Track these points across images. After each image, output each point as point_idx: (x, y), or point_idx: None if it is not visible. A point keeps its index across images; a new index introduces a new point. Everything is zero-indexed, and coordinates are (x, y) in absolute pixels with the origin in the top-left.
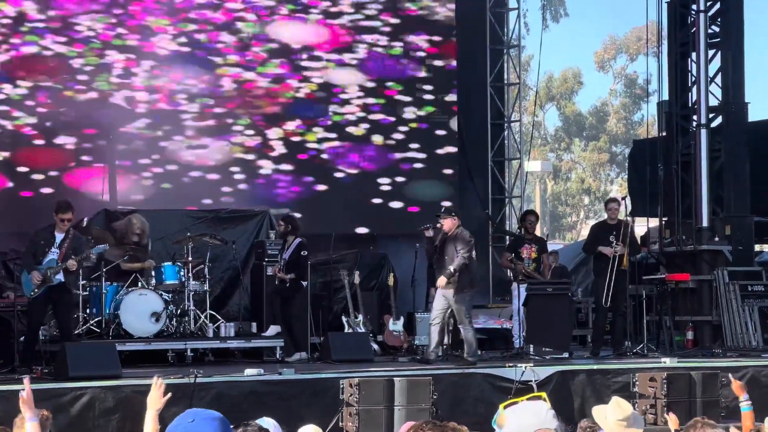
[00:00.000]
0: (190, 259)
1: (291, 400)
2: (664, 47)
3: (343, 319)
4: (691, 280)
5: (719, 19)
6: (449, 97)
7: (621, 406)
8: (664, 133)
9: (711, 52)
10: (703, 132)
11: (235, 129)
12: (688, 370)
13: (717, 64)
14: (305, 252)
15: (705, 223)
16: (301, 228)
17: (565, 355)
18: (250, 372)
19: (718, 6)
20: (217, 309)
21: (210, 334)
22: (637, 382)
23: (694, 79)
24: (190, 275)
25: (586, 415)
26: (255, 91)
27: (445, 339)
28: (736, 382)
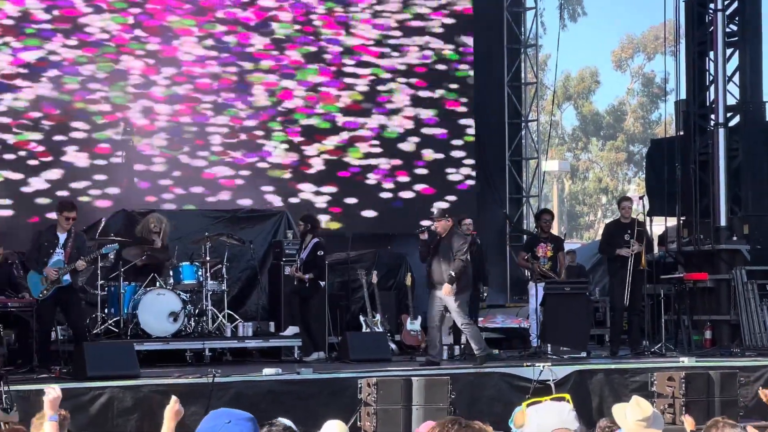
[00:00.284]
0: (208, 258)
1: (309, 399)
2: (682, 46)
3: (361, 318)
4: (709, 280)
5: (737, 18)
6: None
7: (641, 405)
8: (682, 133)
9: (729, 51)
10: (721, 131)
11: (269, 145)
12: (707, 369)
13: (735, 63)
14: (322, 252)
15: (723, 222)
16: (320, 227)
17: (583, 354)
18: (268, 372)
19: (735, 5)
20: (234, 309)
21: (228, 334)
22: (655, 382)
23: (711, 78)
24: (208, 275)
25: (604, 415)
26: (292, 101)
27: (462, 338)
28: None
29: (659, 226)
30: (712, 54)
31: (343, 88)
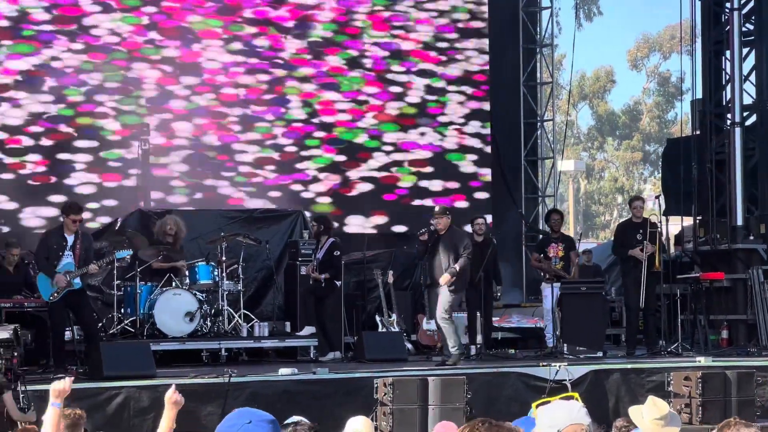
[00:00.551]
0: (224, 258)
1: (325, 399)
2: (698, 45)
3: (377, 318)
4: (725, 279)
5: (753, 17)
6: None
7: (657, 405)
8: (698, 132)
9: (745, 50)
10: (737, 130)
11: (304, 166)
12: (723, 369)
13: (751, 62)
14: (338, 252)
15: (739, 221)
16: (333, 228)
17: (599, 354)
18: (284, 371)
19: (752, 4)
20: (250, 309)
21: (244, 334)
22: (671, 381)
23: (728, 77)
24: (224, 275)
25: (621, 415)
26: (332, 115)
27: (478, 338)
28: None
29: (675, 225)
30: (728, 53)
31: (391, 98)
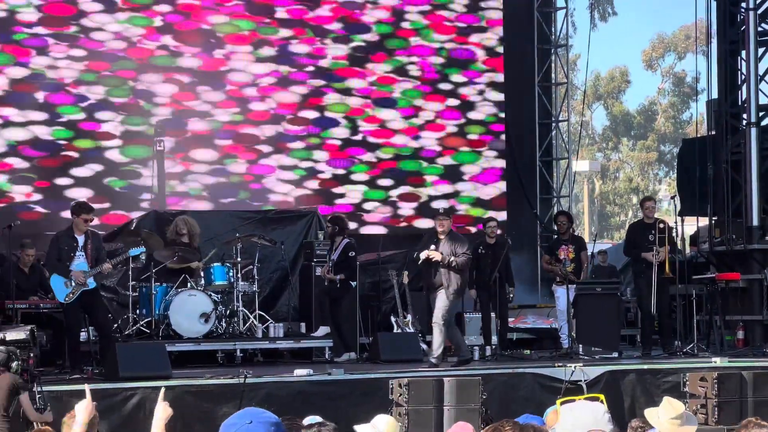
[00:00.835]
0: (239, 259)
1: (340, 400)
2: (713, 45)
3: (392, 319)
4: (741, 280)
5: None
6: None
7: (673, 404)
8: (714, 132)
9: (761, 50)
10: (753, 130)
11: (349, 194)
12: (739, 369)
13: (767, 62)
14: (353, 253)
15: (755, 222)
16: (348, 228)
17: (615, 354)
18: (300, 372)
19: (767, 4)
20: (266, 309)
21: (259, 335)
22: (687, 382)
23: (743, 77)
24: (239, 276)
25: (636, 415)
26: (385, 137)
27: (493, 339)
28: None
29: (691, 226)
30: (743, 53)
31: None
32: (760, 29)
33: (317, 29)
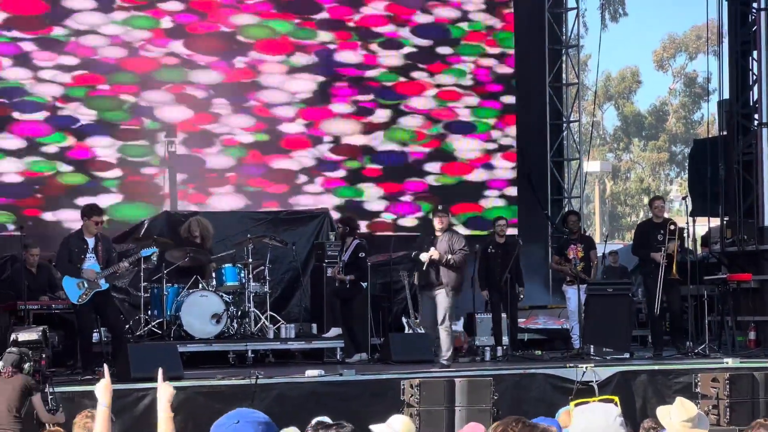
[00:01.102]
0: (251, 260)
1: (352, 400)
2: (725, 45)
3: (404, 319)
4: (753, 280)
5: None
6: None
7: (686, 406)
8: (725, 132)
9: None
10: (765, 131)
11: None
12: (751, 370)
13: None
14: (363, 254)
15: (767, 222)
16: (359, 229)
17: (626, 355)
18: (311, 373)
19: None
20: (277, 310)
21: (270, 336)
22: (699, 383)
23: (755, 77)
24: (251, 277)
25: (648, 416)
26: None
27: (503, 339)
28: None
29: (702, 226)
30: (755, 53)
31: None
32: None
33: (364, 32)
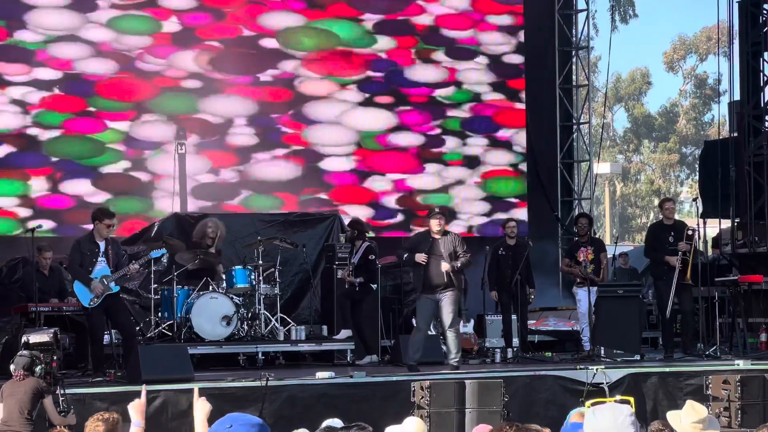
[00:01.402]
0: (261, 262)
1: (362, 402)
2: (735, 47)
3: (414, 321)
4: (764, 282)
5: None
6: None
7: (696, 408)
8: (736, 134)
9: None
10: None
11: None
12: (762, 372)
13: None
14: (373, 256)
15: None
16: (368, 232)
17: (637, 357)
18: (321, 375)
19: None
20: (287, 312)
21: (281, 338)
22: (710, 385)
23: (766, 78)
24: (261, 279)
25: (659, 418)
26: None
27: (514, 341)
28: None
29: (713, 228)
30: (766, 54)
31: None
32: None
33: (430, 37)
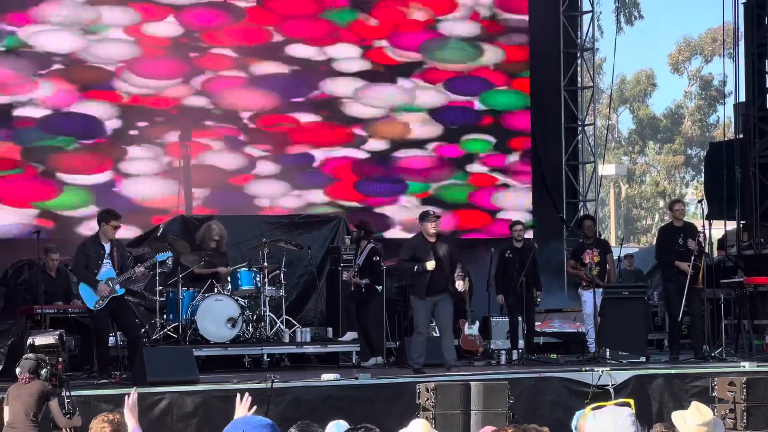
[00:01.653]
0: (266, 264)
1: (367, 404)
2: (741, 48)
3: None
4: None
5: None
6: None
7: (701, 411)
8: (741, 135)
9: None
10: None
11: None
12: None
13: None
14: (377, 257)
15: None
16: (374, 232)
17: (642, 359)
18: (327, 377)
19: None
20: (292, 314)
21: (286, 340)
22: (715, 387)
23: None
24: (266, 281)
25: (665, 420)
26: None
27: (520, 343)
28: None
29: (719, 229)
30: None
31: None
32: None
33: None
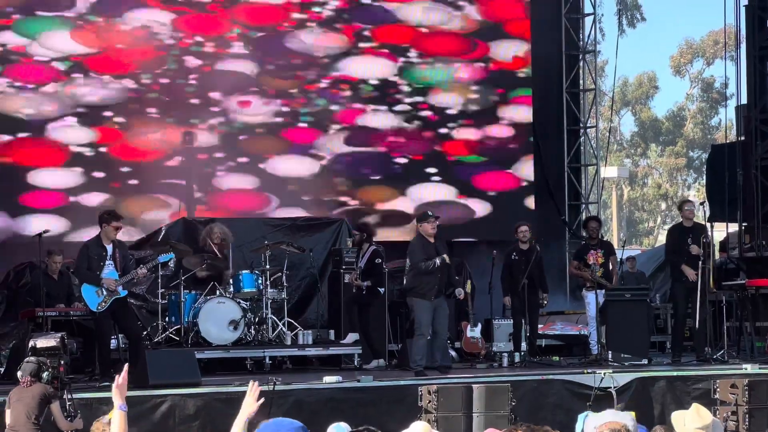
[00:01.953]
0: (268, 267)
1: (369, 407)
2: (742, 51)
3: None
4: None
5: None
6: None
7: (701, 413)
8: (743, 138)
9: None
10: None
11: None
12: None
13: None
14: (379, 260)
15: None
16: (375, 235)
17: (644, 361)
18: (329, 379)
19: None
20: (294, 317)
21: (288, 342)
22: (717, 389)
23: None
24: (268, 283)
25: (666, 422)
26: None
27: (523, 345)
28: None
29: (720, 231)
30: None
31: None
32: None
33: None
